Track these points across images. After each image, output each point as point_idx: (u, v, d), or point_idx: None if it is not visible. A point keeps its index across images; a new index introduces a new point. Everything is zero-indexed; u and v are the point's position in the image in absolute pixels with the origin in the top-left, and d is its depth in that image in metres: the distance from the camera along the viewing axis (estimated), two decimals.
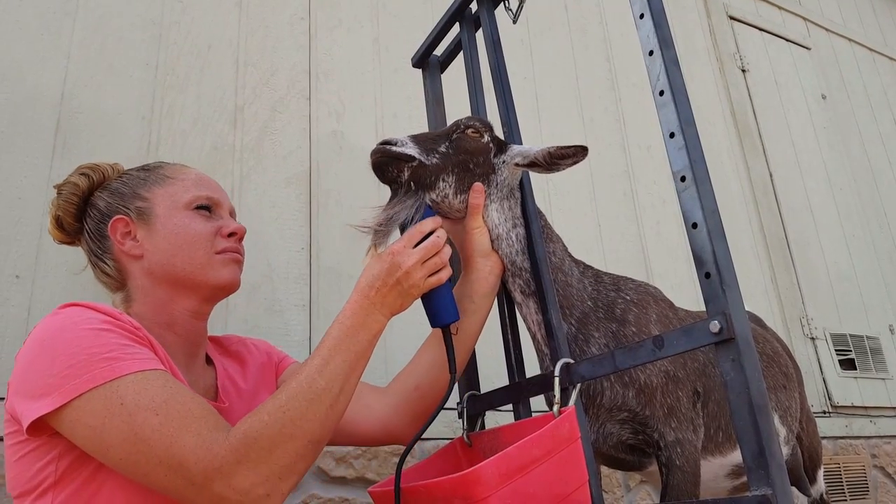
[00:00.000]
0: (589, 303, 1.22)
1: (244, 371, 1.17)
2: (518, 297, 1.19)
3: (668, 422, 1.17)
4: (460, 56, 1.47)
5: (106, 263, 1.08)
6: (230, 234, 1.11)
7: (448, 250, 1.07)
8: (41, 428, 0.87)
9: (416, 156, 1.09)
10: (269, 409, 0.87)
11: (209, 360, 1.15)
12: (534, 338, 1.20)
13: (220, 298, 1.12)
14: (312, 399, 0.89)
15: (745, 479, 1.46)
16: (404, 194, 1.10)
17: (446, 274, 1.06)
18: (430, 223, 1.07)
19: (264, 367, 1.20)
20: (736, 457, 1.40)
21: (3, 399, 1.37)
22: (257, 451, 0.83)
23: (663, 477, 1.16)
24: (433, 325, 1.09)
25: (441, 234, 1.06)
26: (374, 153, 1.09)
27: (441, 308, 1.07)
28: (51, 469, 0.88)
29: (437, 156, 1.11)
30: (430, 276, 1.03)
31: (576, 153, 1.14)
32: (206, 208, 1.11)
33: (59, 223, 1.12)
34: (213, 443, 0.83)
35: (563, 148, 1.14)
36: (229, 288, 1.10)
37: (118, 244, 1.07)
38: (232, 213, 1.17)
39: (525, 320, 1.20)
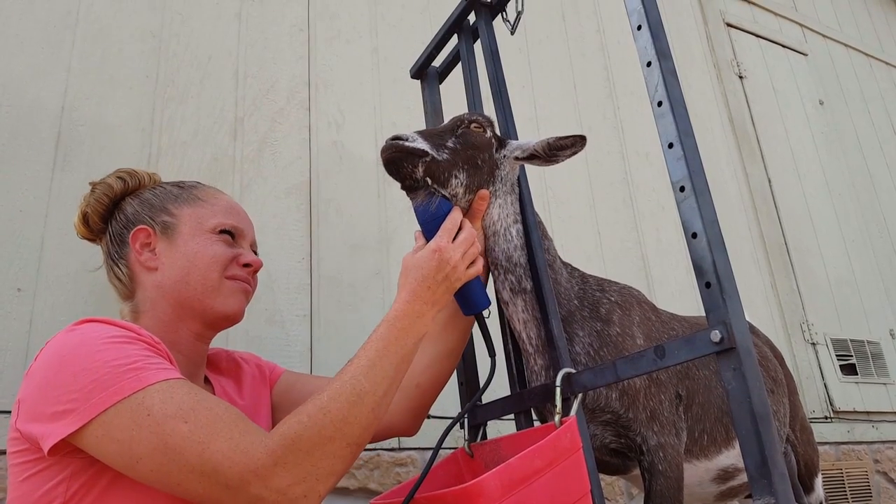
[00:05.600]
0: (575, 301, 1.23)
1: (240, 388, 1.17)
2: (506, 295, 1.19)
3: (651, 425, 1.17)
4: (459, 67, 1.48)
5: (120, 269, 1.09)
6: (246, 265, 1.11)
7: (479, 245, 1.11)
8: (60, 447, 0.84)
9: (428, 150, 1.09)
10: (309, 410, 0.86)
11: (206, 381, 1.15)
12: (518, 336, 1.20)
13: (223, 327, 1.12)
14: (355, 401, 0.88)
15: (731, 483, 1.46)
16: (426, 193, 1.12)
17: (482, 263, 1.11)
18: (459, 212, 1.11)
19: (256, 381, 1.21)
20: (722, 460, 1.40)
21: (3, 412, 1.37)
22: (295, 453, 0.82)
23: (646, 483, 1.16)
24: (467, 313, 1.14)
25: (469, 226, 1.10)
26: (387, 149, 1.08)
27: (476, 296, 1.12)
28: (61, 489, 0.85)
29: (446, 151, 1.12)
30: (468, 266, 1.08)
31: (574, 143, 1.16)
32: (230, 234, 1.11)
33: (85, 220, 1.13)
34: (249, 445, 0.81)
35: (562, 138, 1.16)
36: (233, 318, 1.10)
37: (136, 253, 1.07)
38: (253, 246, 1.18)
39: (510, 319, 1.21)
